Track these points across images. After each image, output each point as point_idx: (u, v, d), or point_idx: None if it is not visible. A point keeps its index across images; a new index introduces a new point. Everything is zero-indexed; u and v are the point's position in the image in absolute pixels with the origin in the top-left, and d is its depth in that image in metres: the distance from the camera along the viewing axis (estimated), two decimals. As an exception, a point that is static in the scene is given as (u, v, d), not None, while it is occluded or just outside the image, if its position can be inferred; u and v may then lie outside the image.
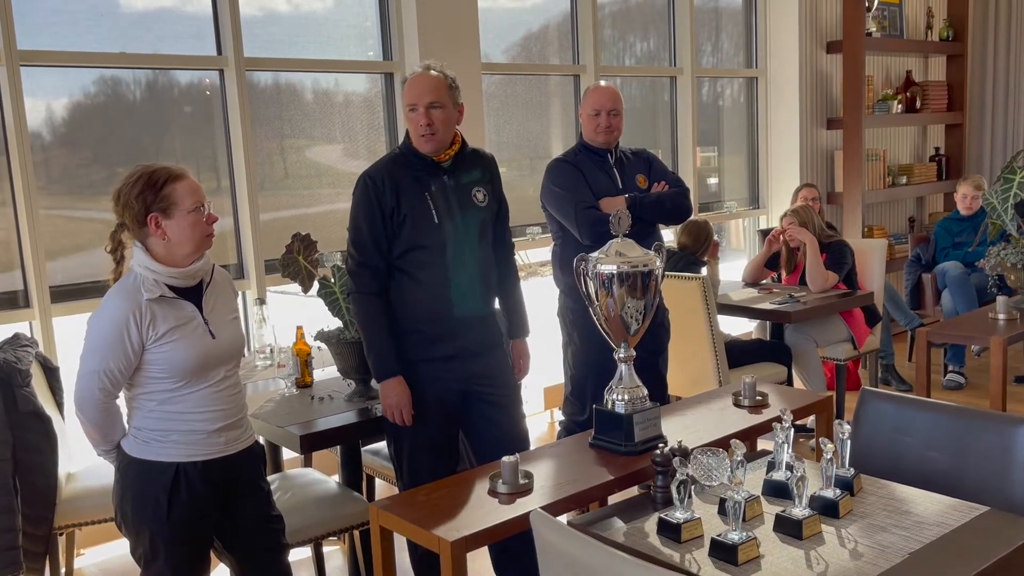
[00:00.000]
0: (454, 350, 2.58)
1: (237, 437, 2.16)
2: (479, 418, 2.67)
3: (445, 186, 2.57)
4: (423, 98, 2.50)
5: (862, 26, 5.76)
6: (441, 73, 2.56)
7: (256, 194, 3.91)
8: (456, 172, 2.61)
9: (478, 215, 2.60)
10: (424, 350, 2.58)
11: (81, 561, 3.45)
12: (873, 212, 6.40)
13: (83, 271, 3.56)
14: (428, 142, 2.53)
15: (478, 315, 2.61)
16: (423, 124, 2.50)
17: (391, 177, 2.55)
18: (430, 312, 2.56)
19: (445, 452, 2.65)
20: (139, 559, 2.11)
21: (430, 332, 2.57)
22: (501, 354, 2.71)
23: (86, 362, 2.02)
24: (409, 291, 2.56)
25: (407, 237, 2.53)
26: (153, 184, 2.01)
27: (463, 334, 2.58)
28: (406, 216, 2.52)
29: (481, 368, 2.63)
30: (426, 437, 2.60)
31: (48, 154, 3.49)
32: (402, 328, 2.57)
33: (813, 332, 4.31)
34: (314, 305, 2.98)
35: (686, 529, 1.82)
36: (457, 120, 2.60)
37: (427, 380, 2.58)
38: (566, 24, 5.04)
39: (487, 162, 2.70)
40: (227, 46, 3.81)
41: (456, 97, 2.57)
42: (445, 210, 2.55)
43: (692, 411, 2.64)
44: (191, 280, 2.09)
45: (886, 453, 2.29)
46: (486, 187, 2.64)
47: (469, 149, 2.66)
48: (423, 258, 2.54)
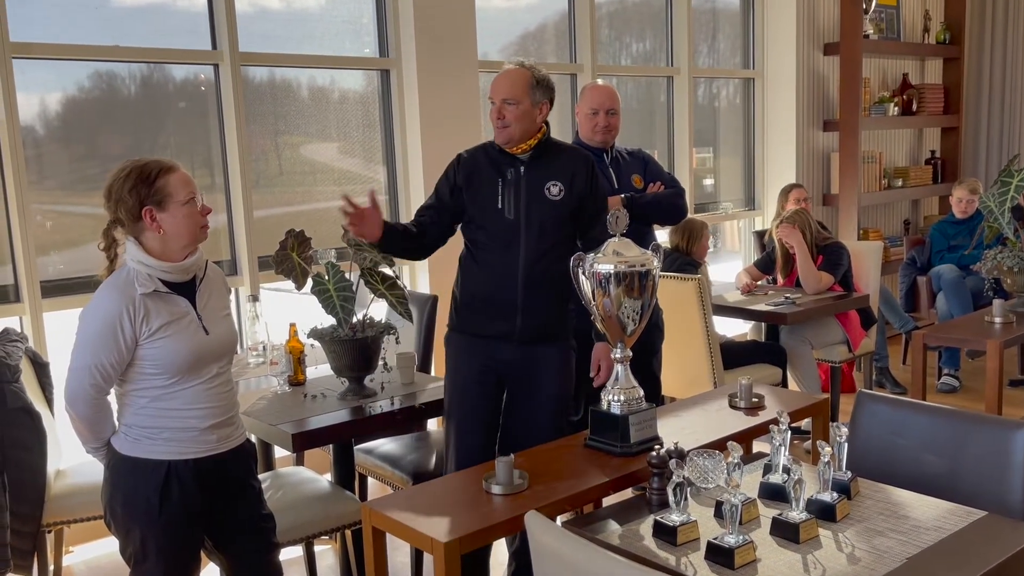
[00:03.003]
0: (496, 331, 2.65)
1: (229, 435, 2.14)
2: (511, 408, 2.71)
3: (519, 176, 2.64)
4: (498, 94, 2.62)
5: (859, 28, 5.76)
6: (527, 70, 2.63)
7: (250, 190, 3.88)
8: (533, 165, 2.66)
9: (547, 209, 2.64)
10: (472, 324, 2.70)
11: (70, 559, 3.42)
12: (868, 214, 6.40)
13: (75, 266, 3.53)
14: (500, 134, 2.64)
15: (529, 306, 2.63)
16: (495, 117, 2.62)
17: (473, 159, 2.71)
18: (483, 290, 2.67)
19: (485, 434, 2.68)
20: (129, 558, 2.09)
21: (479, 308, 2.68)
22: (552, 351, 2.69)
23: (77, 357, 1.99)
24: (467, 267, 2.73)
25: (472, 214, 2.68)
26: (146, 177, 1.99)
27: (502, 319, 2.64)
28: (473, 194, 2.67)
29: (516, 357, 2.65)
30: (467, 413, 2.68)
31: (41, 149, 3.45)
32: (461, 298, 2.73)
33: (808, 334, 4.30)
34: (307, 303, 2.96)
35: (682, 532, 1.81)
36: (537, 115, 2.64)
37: (469, 352, 2.69)
38: (563, 23, 5.02)
39: (576, 161, 2.72)
40: (222, 40, 3.78)
41: (537, 95, 2.62)
42: (512, 198, 2.63)
43: (688, 412, 2.63)
44: (185, 275, 2.07)
45: (882, 456, 2.27)
46: (565, 183, 2.66)
47: (555, 144, 2.72)
48: (484, 239, 2.67)
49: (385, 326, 2.84)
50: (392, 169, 4.37)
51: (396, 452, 3.10)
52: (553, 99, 2.70)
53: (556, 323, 2.71)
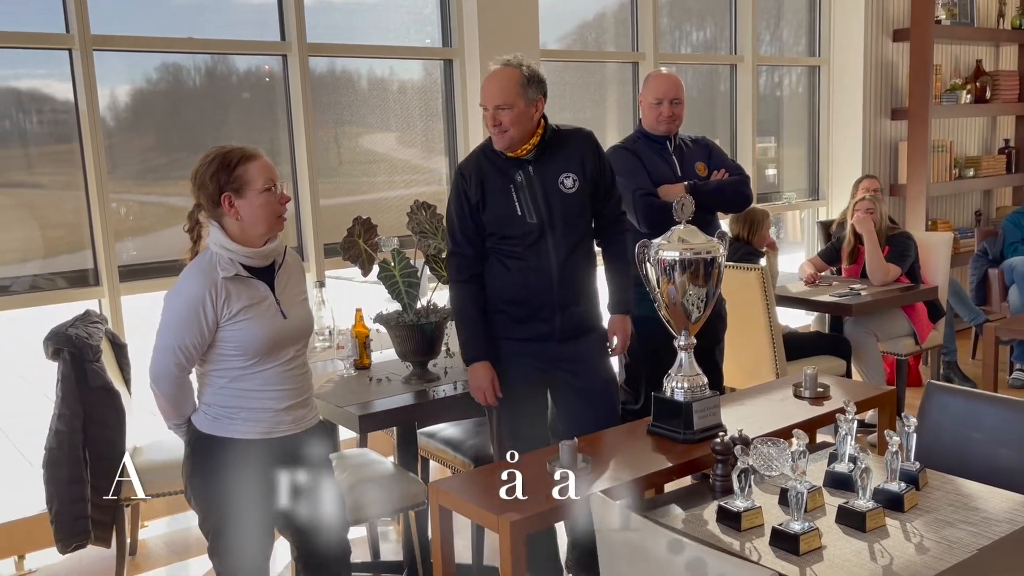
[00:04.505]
0: (535, 334, 2.63)
1: (303, 416, 2.21)
2: (562, 402, 2.72)
3: (530, 177, 2.59)
4: (490, 100, 2.53)
5: (931, 13, 5.61)
6: (516, 69, 2.53)
7: (316, 179, 3.96)
8: (540, 162, 2.61)
9: (566, 202, 2.60)
10: (508, 330, 2.65)
11: (145, 533, 3.56)
12: (937, 205, 6.23)
13: (145, 252, 3.65)
14: (500, 140, 2.56)
15: (558, 304, 2.62)
16: (491, 125, 2.54)
17: (478, 170, 2.62)
18: (515, 296, 2.62)
19: (532, 429, 2.69)
20: (206, 532, 2.17)
21: (514, 314, 2.64)
22: (592, 340, 2.71)
23: (162, 337, 2.07)
24: (496, 274, 2.65)
25: (493, 228, 2.61)
26: (226, 164, 2.06)
27: (546, 320, 2.62)
28: (490, 208, 2.59)
29: (565, 353, 2.65)
30: (509, 410, 2.67)
31: (112, 139, 3.57)
32: (491, 308, 2.66)
33: (873, 326, 4.22)
34: (367, 289, 3.02)
35: (746, 518, 1.81)
36: (534, 113, 2.56)
37: (509, 359, 2.66)
38: (622, 12, 5.00)
39: (579, 142, 2.66)
40: (290, 31, 3.86)
41: (531, 92, 2.53)
42: (528, 201, 2.58)
43: (751, 401, 2.62)
44: (265, 260, 2.13)
45: (952, 448, 2.23)
46: (577, 171, 2.62)
47: (556, 133, 2.63)
48: (510, 247, 2.61)
49: (448, 312, 2.88)
50: (454, 159, 4.41)
51: (457, 436, 3.15)
52: (546, 91, 2.59)
53: (592, 314, 2.72)
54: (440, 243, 2.90)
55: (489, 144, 2.64)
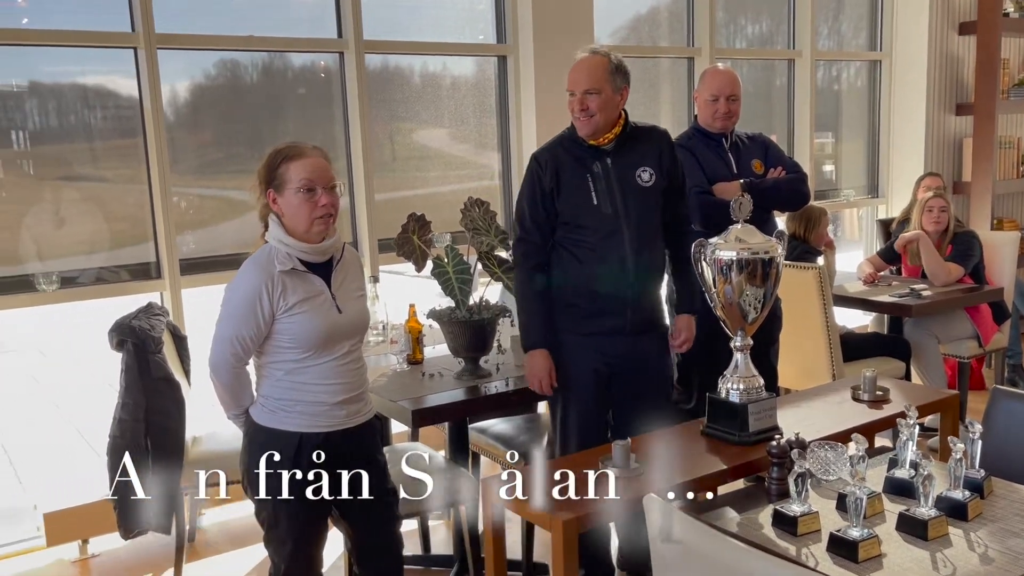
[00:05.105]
0: (600, 328, 2.63)
1: (358, 410, 2.23)
2: (621, 398, 2.71)
3: (607, 168, 2.61)
4: (579, 85, 2.55)
5: (999, 6, 5.44)
6: (605, 56, 2.57)
7: (372, 174, 4.00)
8: (619, 153, 2.62)
9: (642, 196, 2.61)
10: (576, 324, 2.65)
11: (202, 521, 3.64)
12: (1004, 203, 6.05)
13: (203, 246, 3.73)
14: (585, 126, 2.57)
15: (630, 297, 2.63)
16: (578, 109, 2.55)
17: (554, 158, 2.63)
18: (583, 289, 2.62)
19: (595, 424, 2.70)
20: (262, 522, 2.22)
21: (585, 308, 2.64)
22: (654, 338, 2.71)
23: (221, 328, 2.12)
24: (566, 266, 2.64)
25: (567, 217, 2.62)
26: (272, 161, 2.11)
27: (612, 315, 2.63)
28: (566, 197, 2.60)
29: (626, 350, 2.65)
30: (576, 407, 2.68)
31: (172, 134, 3.64)
32: (558, 300, 2.66)
33: (935, 328, 4.12)
34: (417, 285, 3.03)
35: (803, 522, 1.78)
36: (619, 102, 2.60)
37: (572, 353, 2.66)
38: (677, 6, 4.94)
39: (656, 139, 2.69)
40: (347, 29, 3.90)
41: (618, 80, 2.57)
42: (605, 192, 2.59)
43: (808, 403, 2.57)
44: (322, 256, 2.16)
45: (1018, 455, 2.17)
46: (655, 166, 2.63)
47: (634, 128, 2.66)
48: (582, 238, 2.61)
49: (500, 308, 2.89)
50: (507, 155, 4.42)
51: (508, 432, 3.16)
52: (630, 83, 2.62)
53: (659, 311, 2.73)
54: (493, 240, 2.91)
55: (568, 134, 2.66)
